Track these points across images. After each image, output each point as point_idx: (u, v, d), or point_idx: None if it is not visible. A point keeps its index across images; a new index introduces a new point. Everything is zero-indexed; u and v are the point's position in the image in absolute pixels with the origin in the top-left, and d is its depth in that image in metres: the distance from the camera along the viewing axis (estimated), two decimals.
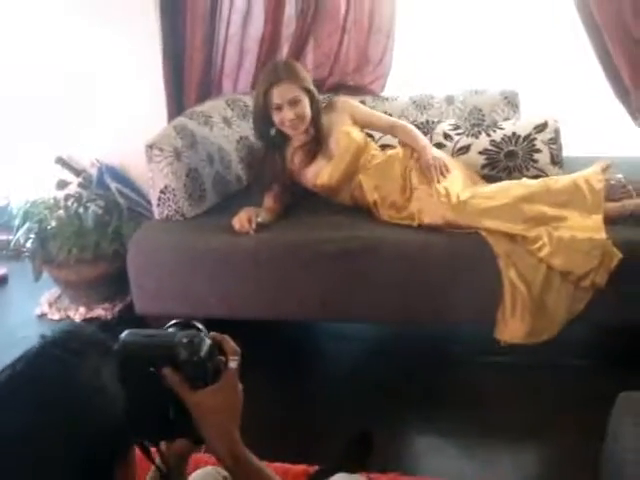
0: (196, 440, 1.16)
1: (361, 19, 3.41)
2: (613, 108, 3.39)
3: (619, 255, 2.60)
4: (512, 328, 2.70)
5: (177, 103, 3.38)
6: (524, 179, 2.92)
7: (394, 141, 3.18)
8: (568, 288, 2.66)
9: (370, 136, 3.18)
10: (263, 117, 2.95)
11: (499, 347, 2.71)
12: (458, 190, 2.82)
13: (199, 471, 1.67)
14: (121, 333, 1.15)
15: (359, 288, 2.82)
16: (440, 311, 2.78)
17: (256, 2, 3.40)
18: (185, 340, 1.12)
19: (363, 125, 3.11)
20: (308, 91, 2.93)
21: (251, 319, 2.95)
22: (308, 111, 2.93)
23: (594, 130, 3.48)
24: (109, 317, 3.24)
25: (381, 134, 3.23)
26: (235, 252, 2.84)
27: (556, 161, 3.15)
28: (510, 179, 3.02)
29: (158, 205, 2.99)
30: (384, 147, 3.18)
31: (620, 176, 2.87)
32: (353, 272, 2.80)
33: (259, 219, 2.88)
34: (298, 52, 3.46)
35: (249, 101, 3.34)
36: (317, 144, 3.02)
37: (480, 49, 3.51)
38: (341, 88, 3.50)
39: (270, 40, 3.43)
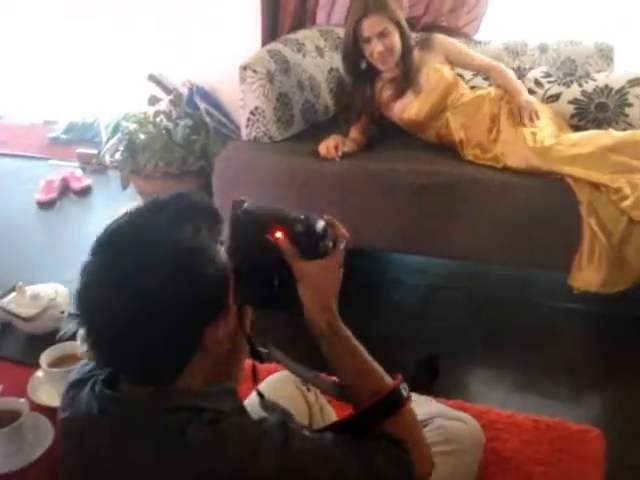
0: (292, 312, 1.21)
1: None
2: None
3: None
4: (587, 276, 2.71)
5: (271, 29, 3.42)
6: (610, 130, 2.90)
7: (484, 84, 3.19)
8: None
9: (460, 76, 3.18)
10: (353, 50, 2.98)
11: (572, 294, 2.73)
12: (545, 136, 2.82)
13: (274, 375, 1.75)
14: None
15: (438, 223, 2.85)
16: (517, 253, 2.81)
17: None
18: (302, 216, 1.19)
19: (457, 63, 3.12)
20: (398, 24, 2.94)
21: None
22: (398, 44, 2.95)
23: None
24: None
25: (472, 75, 3.22)
26: (319, 177, 2.91)
27: None
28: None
29: (247, 126, 3.06)
30: (473, 88, 3.18)
31: None
32: (433, 206, 2.83)
33: (345, 148, 2.93)
34: None
35: (342, 33, 3.36)
36: (407, 78, 3.03)
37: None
38: (435, 28, 3.47)
39: None
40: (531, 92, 3.15)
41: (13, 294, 2.49)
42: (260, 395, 1.33)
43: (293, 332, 1.29)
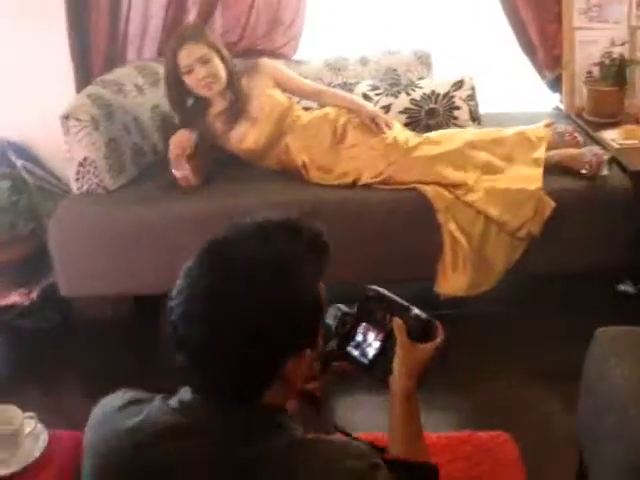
0: (375, 374, 1.39)
1: None
2: (521, 65, 3.50)
3: (552, 204, 2.68)
4: (453, 281, 2.74)
5: (84, 72, 3.16)
6: (468, 128, 2.97)
7: (314, 105, 3.14)
8: (505, 239, 2.72)
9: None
10: (176, 86, 2.86)
11: (439, 301, 2.74)
12: (407, 136, 2.86)
13: None
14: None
15: None
16: (382, 270, 2.77)
17: None
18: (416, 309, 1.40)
19: (287, 89, 3.04)
20: (217, 50, 2.86)
21: None
22: (221, 70, 2.86)
23: (505, 87, 3.56)
24: (26, 303, 3.01)
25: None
26: (169, 222, 2.74)
27: (475, 117, 3.21)
28: None
29: (77, 179, 2.82)
30: (307, 109, 3.12)
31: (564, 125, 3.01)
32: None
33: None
34: (206, 16, 3.31)
35: (159, 68, 3.19)
36: (238, 107, 2.92)
37: (388, 9, 3.50)
38: (252, 52, 3.39)
39: (176, 4, 3.28)
40: None
41: None
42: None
43: None
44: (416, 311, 1.38)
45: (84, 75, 3.14)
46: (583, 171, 2.74)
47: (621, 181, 2.76)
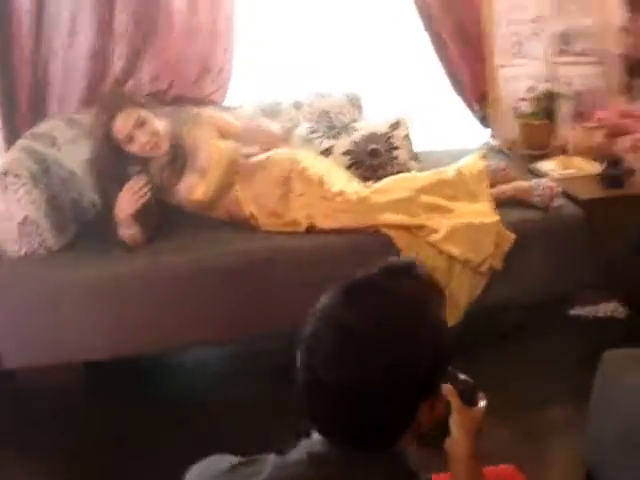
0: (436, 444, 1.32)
1: (199, 28, 3.24)
2: (452, 103, 3.59)
3: (512, 236, 2.73)
4: None
5: (10, 125, 2.98)
6: (413, 172, 2.98)
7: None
8: (468, 274, 2.74)
9: None
10: (118, 158, 2.73)
11: None
12: (356, 187, 2.82)
13: None
14: None
15: (256, 302, 2.66)
16: None
17: (84, 16, 3.10)
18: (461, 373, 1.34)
19: (229, 136, 2.96)
20: (147, 106, 2.78)
21: (142, 355, 2.72)
22: (161, 126, 2.76)
23: (437, 125, 3.63)
24: None
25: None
26: (117, 282, 2.58)
27: (413, 156, 3.25)
28: (376, 178, 3.05)
29: (17, 240, 2.61)
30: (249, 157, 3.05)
31: (496, 162, 3.05)
32: (247, 287, 2.65)
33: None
34: (132, 66, 3.21)
35: (85, 120, 3.04)
36: (183, 159, 2.82)
37: (317, 53, 3.53)
38: (182, 100, 3.31)
39: (101, 55, 3.15)
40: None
41: None
42: None
43: None
44: (462, 376, 1.36)
45: (11, 129, 2.95)
46: (537, 203, 2.81)
47: (573, 210, 2.86)
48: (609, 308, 3.06)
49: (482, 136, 3.68)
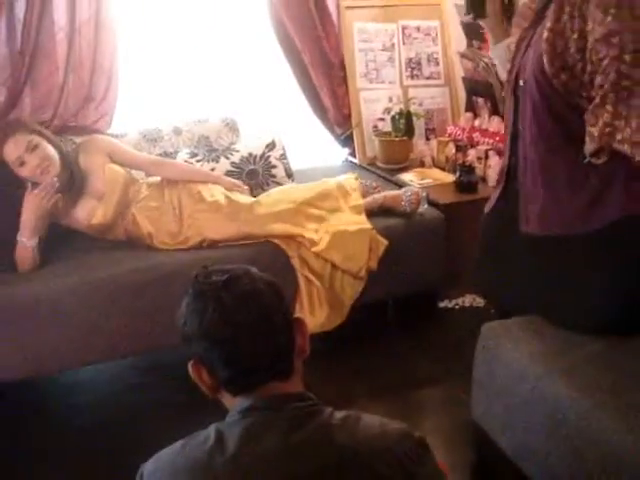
0: None
1: (82, 58, 3.35)
2: (314, 125, 3.91)
3: (385, 242, 3.06)
4: (309, 320, 2.96)
5: None
6: (287, 185, 3.26)
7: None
8: (349, 278, 3.02)
9: None
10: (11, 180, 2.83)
11: None
12: (239, 198, 3.07)
13: None
14: None
15: (164, 316, 2.79)
16: None
17: None
18: None
19: (123, 163, 3.11)
20: (40, 133, 2.90)
21: (62, 370, 2.88)
22: (52, 151, 2.89)
23: (302, 145, 3.93)
24: None
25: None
26: (37, 301, 2.67)
27: (289, 174, 3.52)
28: (255, 195, 3.31)
29: None
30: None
31: (369, 181, 3.39)
32: (156, 302, 2.80)
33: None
34: (16, 96, 3.27)
35: None
36: (78, 183, 2.96)
37: (192, 80, 3.75)
38: (66, 129, 3.41)
39: None
40: None
41: None
42: None
43: None
44: None
45: None
46: (404, 209, 3.16)
47: (434, 214, 3.24)
48: (470, 299, 3.48)
49: (340, 154, 4.04)
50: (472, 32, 3.73)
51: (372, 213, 3.17)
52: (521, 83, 2.11)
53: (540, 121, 2.06)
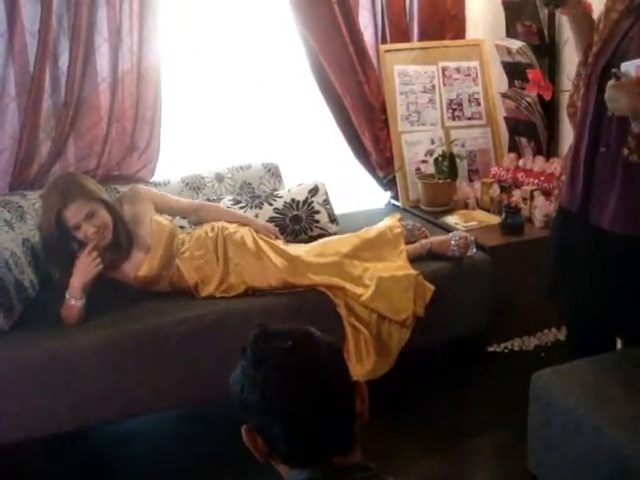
0: None
1: (125, 108, 3.40)
2: (357, 169, 3.90)
3: (432, 288, 3.01)
4: (357, 369, 2.92)
5: None
6: (337, 236, 3.23)
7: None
8: (396, 326, 2.97)
9: None
10: (59, 241, 2.84)
11: None
12: (289, 249, 3.03)
13: None
14: None
15: (215, 365, 2.75)
16: None
17: (10, 98, 3.22)
18: None
19: (166, 211, 3.11)
20: (101, 200, 2.89)
21: (109, 422, 2.85)
22: (108, 218, 2.88)
23: (345, 190, 3.91)
24: None
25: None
26: (83, 353, 2.66)
27: (333, 219, 3.49)
28: (297, 241, 3.30)
29: None
30: (182, 228, 3.23)
31: (412, 222, 3.34)
32: (207, 350, 2.78)
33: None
34: (60, 147, 3.33)
35: (20, 201, 3.16)
36: (128, 238, 2.95)
37: (234, 126, 3.77)
38: (109, 178, 3.44)
39: (28, 136, 3.25)
40: None
41: None
42: None
43: None
44: None
45: None
46: (453, 254, 3.11)
47: (480, 256, 3.19)
48: (519, 343, 3.40)
49: (383, 197, 4.02)
50: (514, 72, 3.70)
51: (419, 258, 3.14)
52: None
53: None
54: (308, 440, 1.23)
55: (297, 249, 3.07)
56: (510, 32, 3.73)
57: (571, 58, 3.25)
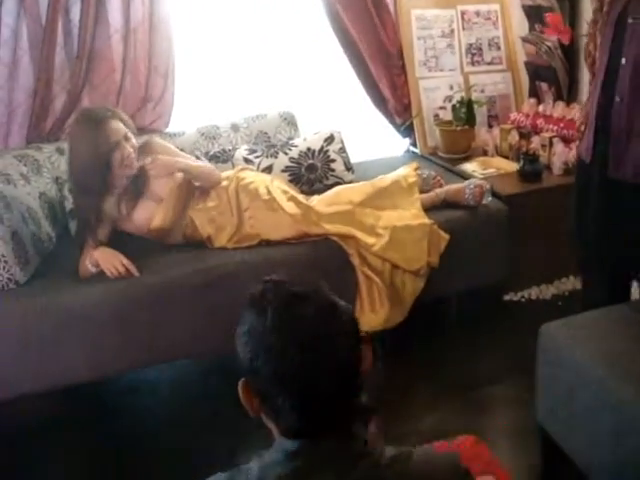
0: None
1: (138, 59, 3.39)
2: (373, 117, 3.85)
3: (446, 237, 2.99)
4: (371, 317, 2.93)
5: None
6: (348, 180, 3.21)
7: None
8: (410, 275, 2.96)
9: None
10: (99, 167, 2.81)
11: None
12: (299, 199, 3.02)
13: None
14: None
15: (228, 315, 2.80)
16: None
17: (23, 51, 3.22)
18: None
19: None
20: (130, 128, 2.93)
21: (122, 373, 2.91)
22: (137, 147, 2.91)
23: (362, 137, 3.87)
24: None
25: None
26: (90, 307, 2.69)
27: (348, 167, 3.47)
28: (312, 190, 3.29)
29: None
30: None
31: (427, 171, 3.30)
32: (221, 301, 2.78)
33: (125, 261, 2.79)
34: (75, 99, 3.33)
35: (35, 154, 3.18)
36: (140, 186, 2.95)
37: (249, 76, 3.73)
38: None
39: (43, 89, 3.26)
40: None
41: None
42: None
43: None
44: None
45: None
46: (468, 202, 3.08)
47: (497, 205, 3.15)
48: (536, 292, 3.38)
49: (401, 145, 3.97)
50: (534, 15, 3.60)
51: (434, 207, 3.11)
52: (630, 20, 2.04)
53: None
54: (312, 416, 1.18)
55: (311, 199, 3.06)
56: None
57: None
